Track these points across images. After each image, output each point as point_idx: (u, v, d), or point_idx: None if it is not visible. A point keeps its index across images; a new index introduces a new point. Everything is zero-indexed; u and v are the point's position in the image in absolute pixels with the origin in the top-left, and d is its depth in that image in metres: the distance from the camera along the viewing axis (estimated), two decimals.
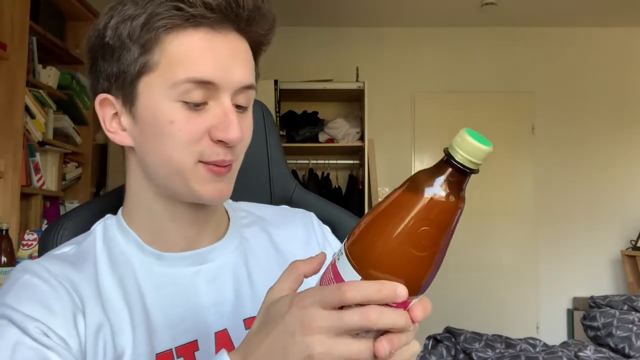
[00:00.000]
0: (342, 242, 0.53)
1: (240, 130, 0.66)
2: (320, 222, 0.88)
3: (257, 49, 0.72)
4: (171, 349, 0.67)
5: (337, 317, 0.47)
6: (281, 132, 4.08)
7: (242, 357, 0.51)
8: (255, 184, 0.70)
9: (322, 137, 4.19)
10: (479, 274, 4.42)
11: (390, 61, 4.44)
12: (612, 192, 4.43)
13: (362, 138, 4.11)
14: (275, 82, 3.97)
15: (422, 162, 4.48)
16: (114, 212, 0.78)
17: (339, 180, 4.32)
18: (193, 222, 0.73)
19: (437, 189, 0.48)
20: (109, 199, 0.88)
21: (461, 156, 0.47)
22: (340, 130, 4.15)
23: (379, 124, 4.32)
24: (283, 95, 4.07)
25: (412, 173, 0.51)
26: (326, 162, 4.28)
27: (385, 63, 4.43)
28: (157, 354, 0.67)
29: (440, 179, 0.48)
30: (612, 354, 2.63)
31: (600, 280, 4.41)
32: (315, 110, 4.26)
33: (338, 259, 0.50)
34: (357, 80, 4.09)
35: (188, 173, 0.67)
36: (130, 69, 0.66)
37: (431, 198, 0.48)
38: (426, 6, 4.12)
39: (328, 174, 4.28)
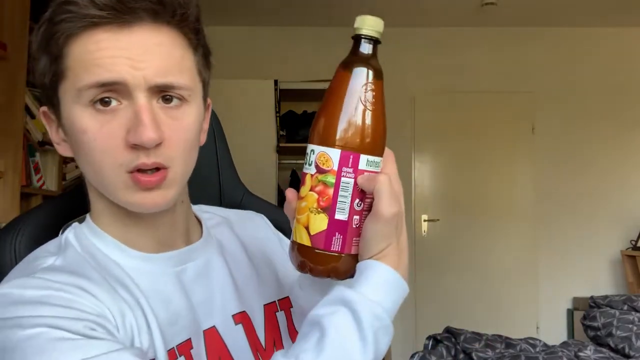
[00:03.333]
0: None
1: (154, 129, 0.61)
2: (270, 223, 0.91)
3: (189, 34, 0.66)
4: (173, 348, 0.67)
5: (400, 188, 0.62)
6: (281, 132, 4.09)
7: (397, 254, 0.61)
8: (205, 189, 0.69)
9: None
10: (479, 273, 4.42)
11: (390, 61, 4.42)
12: (612, 192, 4.43)
13: None
14: (275, 82, 3.97)
15: (422, 162, 4.48)
16: (71, 214, 0.75)
17: None
18: (157, 225, 0.71)
19: (364, 62, 0.60)
20: (62, 200, 0.84)
21: (368, 30, 0.60)
22: None
23: None
24: (283, 95, 4.07)
25: (412, 173, 0.55)
26: None
27: (385, 63, 4.39)
28: (167, 351, 0.66)
29: (362, 54, 0.61)
30: (612, 354, 2.63)
31: (600, 280, 4.41)
32: (315, 110, 4.24)
33: (366, 168, 0.60)
34: None
35: (116, 184, 0.64)
36: (46, 80, 0.65)
37: (364, 68, 0.60)
38: (426, 6, 4.12)
39: None
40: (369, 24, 0.60)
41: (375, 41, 0.61)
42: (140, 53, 0.61)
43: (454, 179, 4.47)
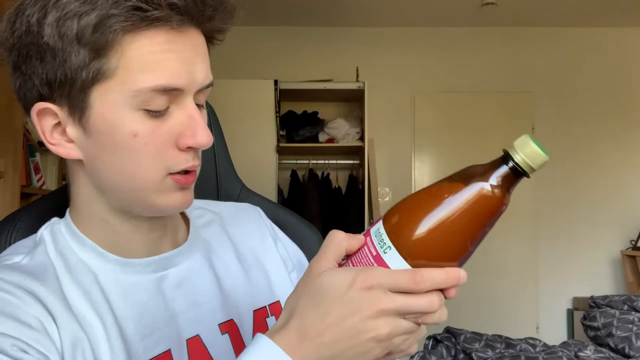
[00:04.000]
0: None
1: (209, 132, 0.62)
2: (266, 217, 0.87)
3: (212, 41, 0.67)
4: None
5: (404, 303, 0.50)
6: (281, 132, 4.09)
7: (300, 334, 0.51)
8: (203, 185, 0.69)
9: (322, 137, 4.19)
10: (479, 273, 4.41)
11: (390, 61, 4.44)
12: (612, 192, 4.43)
13: (362, 138, 4.11)
14: (275, 82, 3.97)
15: (422, 162, 4.48)
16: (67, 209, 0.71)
17: (339, 180, 4.32)
18: (153, 229, 0.69)
19: (489, 184, 0.50)
20: (59, 195, 0.82)
21: (521, 158, 0.50)
22: (340, 130, 4.15)
23: (379, 124, 4.32)
24: (283, 95, 4.07)
25: (412, 173, 0.52)
26: (326, 162, 4.28)
27: (385, 63, 4.43)
28: None
29: (494, 175, 0.51)
30: (612, 354, 2.63)
31: (600, 280, 4.41)
32: (315, 110, 4.26)
33: (384, 252, 0.51)
34: (357, 80, 4.09)
35: (154, 188, 0.62)
36: (81, 75, 0.58)
37: (483, 190, 0.50)
38: (426, 6, 4.12)
39: (328, 174, 4.28)
40: (526, 153, 0.50)
41: (519, 172, 0.51)
42: (192, 56, 0.61)
43: None
